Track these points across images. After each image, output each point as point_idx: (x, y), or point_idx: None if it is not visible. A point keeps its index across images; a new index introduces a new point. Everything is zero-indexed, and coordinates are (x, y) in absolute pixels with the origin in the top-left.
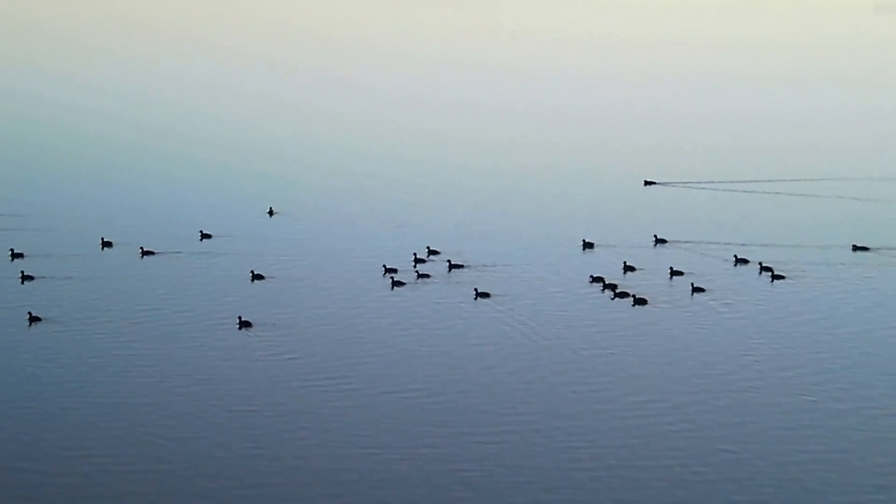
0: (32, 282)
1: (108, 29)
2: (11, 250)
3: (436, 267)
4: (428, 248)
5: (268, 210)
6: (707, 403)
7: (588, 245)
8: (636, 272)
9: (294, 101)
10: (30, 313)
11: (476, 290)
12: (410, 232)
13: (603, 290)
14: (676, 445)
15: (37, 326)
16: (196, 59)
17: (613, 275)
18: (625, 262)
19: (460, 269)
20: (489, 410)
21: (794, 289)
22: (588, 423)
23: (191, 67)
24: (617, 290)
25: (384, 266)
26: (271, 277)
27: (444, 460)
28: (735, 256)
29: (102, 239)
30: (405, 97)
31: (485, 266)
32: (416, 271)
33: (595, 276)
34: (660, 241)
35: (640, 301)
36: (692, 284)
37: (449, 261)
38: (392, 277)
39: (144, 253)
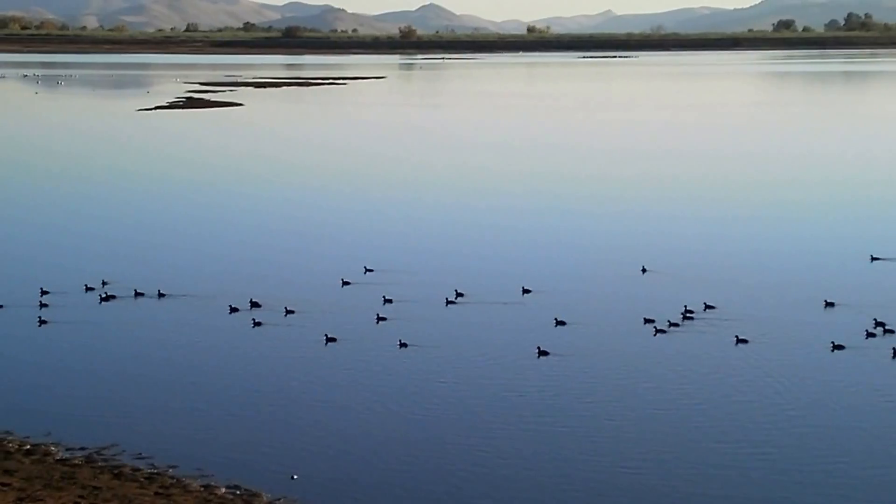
0: (386, 321)
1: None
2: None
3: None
4: (705, 303)
5: (641, 268)
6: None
7: (829, 304)
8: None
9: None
10: (400, 341)
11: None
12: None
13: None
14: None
15: (406, 350)
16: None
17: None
18: (875, 320)
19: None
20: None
21: None
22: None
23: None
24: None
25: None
26: (575, 324)
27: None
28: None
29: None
30: None
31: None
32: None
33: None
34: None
35: None
36: None
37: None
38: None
39: (448, 302)
